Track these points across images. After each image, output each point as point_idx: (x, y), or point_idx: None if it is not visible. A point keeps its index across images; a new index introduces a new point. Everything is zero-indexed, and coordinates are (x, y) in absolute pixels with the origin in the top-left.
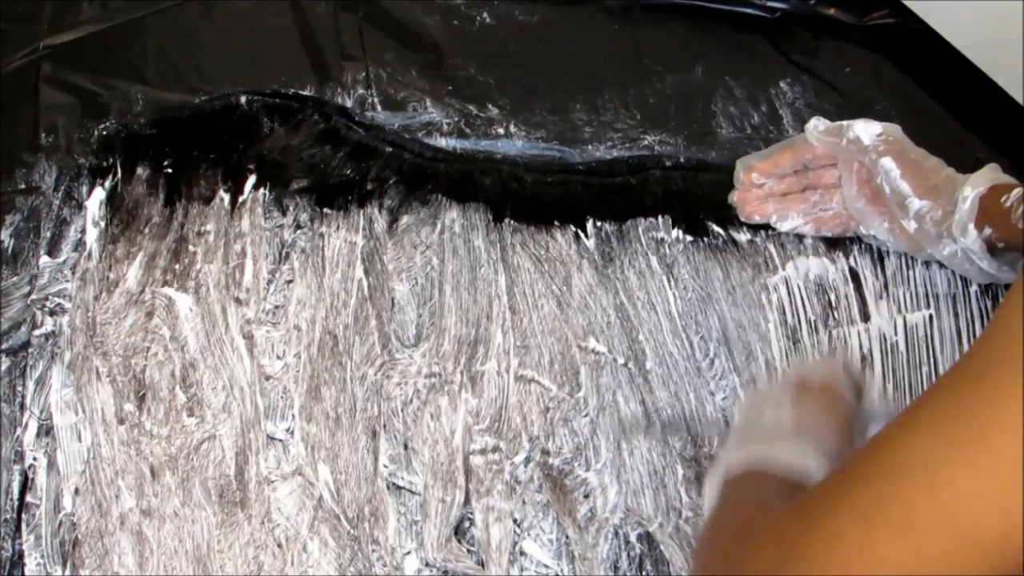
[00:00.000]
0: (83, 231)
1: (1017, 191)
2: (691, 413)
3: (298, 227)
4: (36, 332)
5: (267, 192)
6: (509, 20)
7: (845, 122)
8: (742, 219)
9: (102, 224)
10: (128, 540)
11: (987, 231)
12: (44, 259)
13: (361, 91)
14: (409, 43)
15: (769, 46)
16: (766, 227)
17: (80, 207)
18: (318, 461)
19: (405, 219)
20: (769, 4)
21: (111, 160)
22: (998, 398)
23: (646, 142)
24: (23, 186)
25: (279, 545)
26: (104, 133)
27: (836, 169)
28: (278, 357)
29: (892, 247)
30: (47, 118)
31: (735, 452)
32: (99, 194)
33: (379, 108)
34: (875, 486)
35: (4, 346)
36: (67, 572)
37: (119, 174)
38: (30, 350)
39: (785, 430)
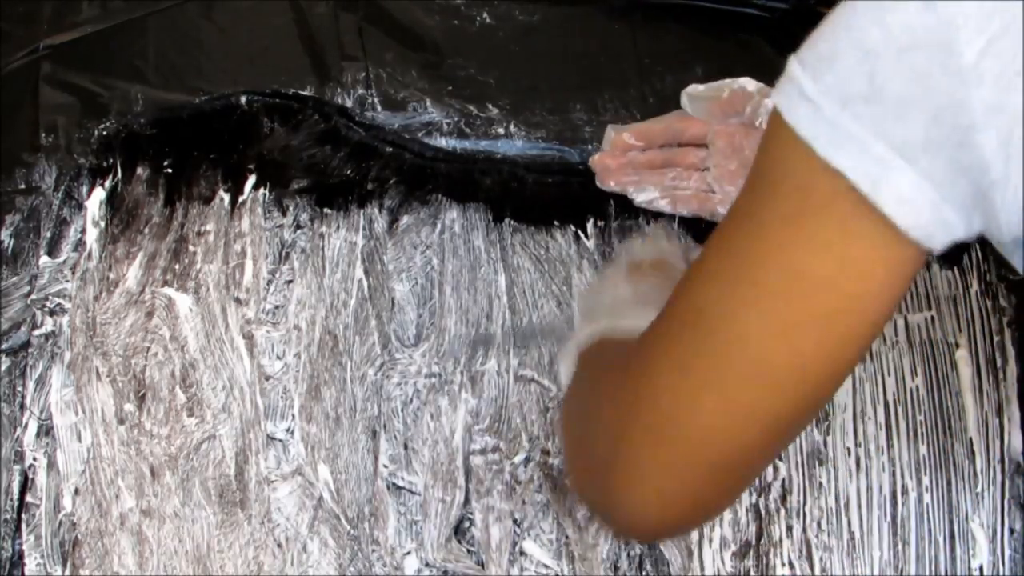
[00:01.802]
0: (83, 231)
1: None
2: None
3: (298, 227)
4: (36, 332)
5: (267, 192)
6: (509, 20)
7: (728, 79)
8: (598, 184)
9: (102, 224)
10: (128, 540)
11: None
12: (44, 259)
13: (361, 91)
14: (409, 43)
15: (769, 46)
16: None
17: (80, 207)
18: (318, 461)
19: (405, 219)
20: (769, 4)
21: (111, 160)
22: (761, 237)
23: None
24: (23, 186)
25: (279, 545)
26: (104, 133)
27: (702, 151)
28: (278, 357)
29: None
30: (47, 118)
31: (582, 329)
32: (99, 194)
33: (379, 108)
34: (685, 338)
35: (4, 346)
36: (67, 572)
37: (119, 174)
38: (30, 350)
39: (626, 304)
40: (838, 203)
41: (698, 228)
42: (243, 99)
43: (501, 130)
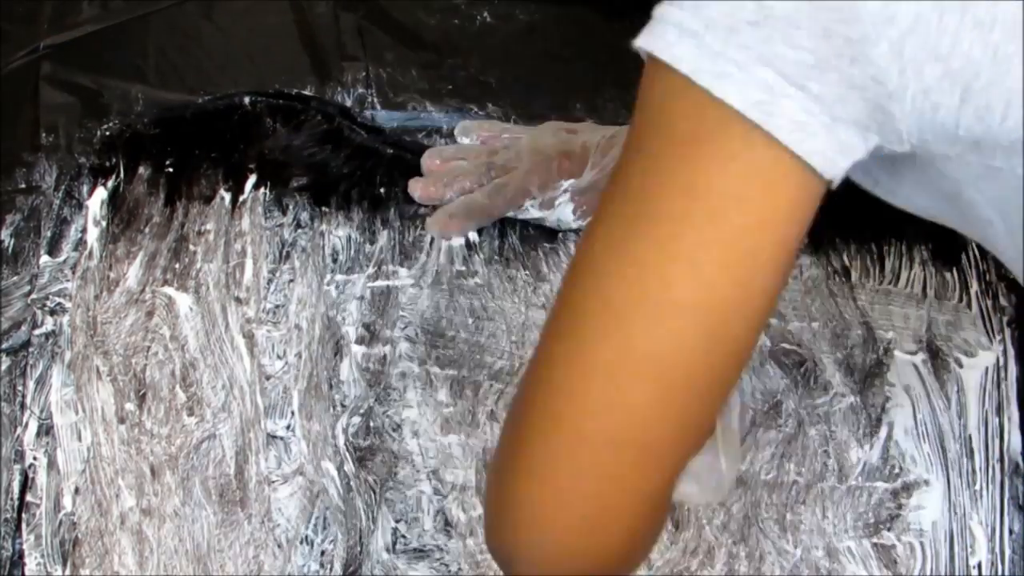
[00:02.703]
0: (84, 230)
1: None
2: None
3: (299, 226)
4: (36, 331)
5: (268, 191)
6: (510, 19)
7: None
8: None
9: (103, 223)
10: (128, 539)
11: None
12: (44, 258)
13: (361, 90)
14: (409, 43)
15: None
16: None
17: (80, 206)
18: (321, 459)
19: (406, 219)
20: None
21: (114, 160)
22: (654, 166)
23: None
24: (23, 185)
25: (279, 545)
26: (107, 133)
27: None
28: (279, 357)
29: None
30: (47, 118)
31: None
32: (100, 194)
33: (379, 108)
34: (574, 298)
35: (4, 345)
36: (67, 572)
37: (121, 174)
38: (30, 349)
39: None
40: (731, 130)
41: None
42: (246, 99)
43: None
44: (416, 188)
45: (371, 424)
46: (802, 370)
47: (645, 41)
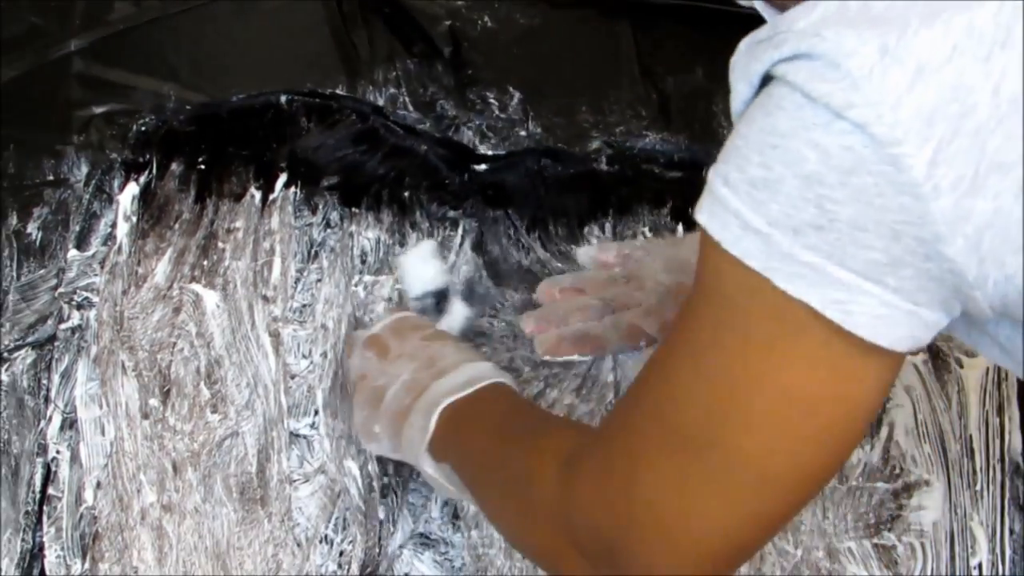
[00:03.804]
0: (113, 225)
1: None
2: None
3: (328, 226)
4: (63, 326)
5: (298, 191)
6: (511, 23)
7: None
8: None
9: (133, 219)
10: (148, 535)
11: None
12: (72, 252)
13: (393, 90)
14: (432, 43)
15: None
16: None
17: (111, 201)
18: (344, 458)
19: (436, 219)
20: None
21: (147, 156)
22: (742, 367)
23: (647, 142)
24: (51, 178)
25: (298, 544)
26: (143, 128)
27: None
28: (304, 356)
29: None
30: (79, 114)
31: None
32: (132, 189)
33: (410, 108)
34: (677, 459)
35: (30, 339)
36: (86, 565)
37: (154, 170)
38: (56, 343)
39: (441, 358)
40: (813, 328)
41: None
42: (282, 98)
43: (523, 132)
44: (530, 324)
45: None
46: None
47: (708, 223)
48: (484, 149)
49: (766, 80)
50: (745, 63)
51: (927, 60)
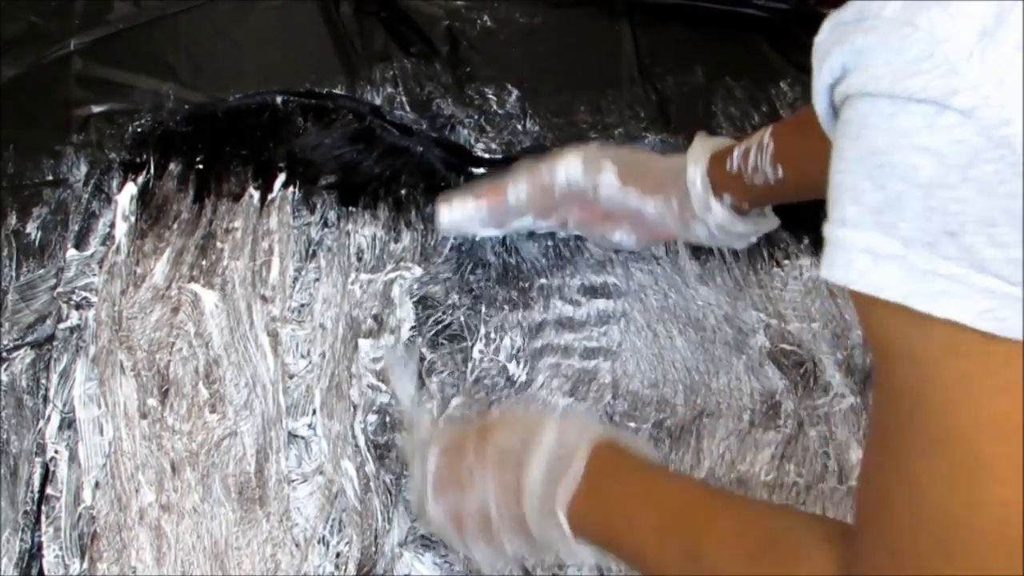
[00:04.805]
0: (112, 225)
1: (735, 153)
2: None
3: (325, 225)
4: (61, 325)
5: (296, 190)
6: (510, 23)
7: (545, 174)
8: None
9: (131, 219)
10: (146, 535)
11: (727, 199)
12: (71, 252)
13: (390, 90)
14: (429, 43)
15: (769, 46)
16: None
17: (109, 201)
18: (341, 458)
19: (431, 220)
20: (769, 4)
21: (145, 156)
22: (934, 441)
23: (647, 142)
24: (50, 178)
25: (297, 544)
26: (139, 129)
27: None
28: (302, 356)
29: (638, 247)
30: (78, 114)
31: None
32: (130, 189)
33: (407, 108)
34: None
35: (29, 339)
36: (85, 565)
37: (151, 170)
38: (55, 343)
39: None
40: (994, 353)
41: None
42: (278, 98)
43: (520, 127)
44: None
45: (387, 420)
46: (802, 371)
47: (835, 274)
48: (481, 146)
49: (837, 87)
50: (829, 46)
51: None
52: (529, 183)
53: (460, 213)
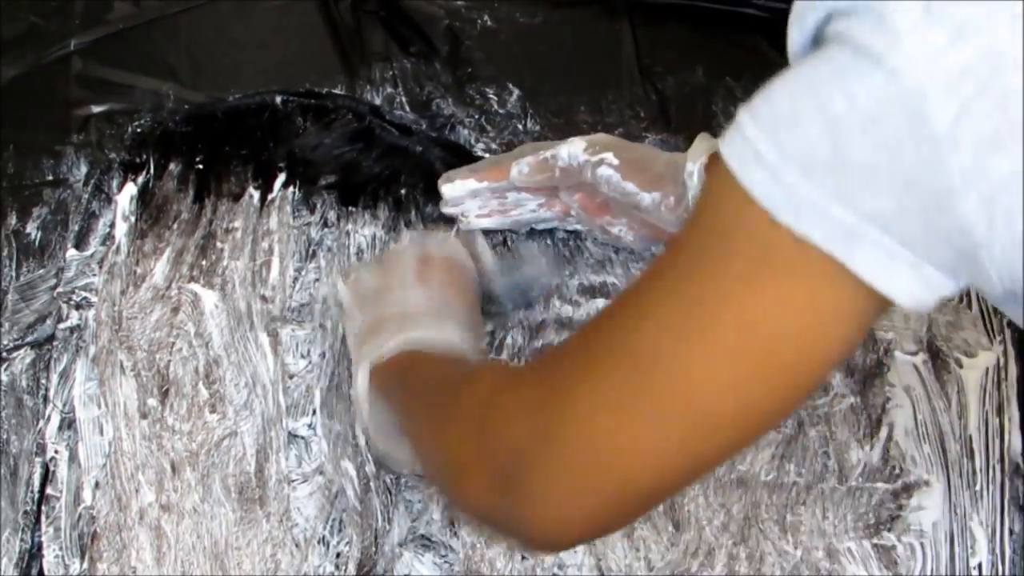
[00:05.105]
0: (112, 225)
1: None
2: None
3: (325, 225)
4: (61, 325)
5: (296, 190)
6: (511, 22)
7: (548, 152)
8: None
9: (131, 219)
10: (146, 535)
11: None
12: (71, 252)
13: (390, 90)
14: (429, 43)
15: (769, 46)
16: None
17: (109, 201)
18: (341, 458)
19: (432, 220)
20: (769, 4)
21: (144, 156)
22: (716, 295)
23: (648, 142)
24: (50, 178)
25: (297, 544)
26: (139, 130)
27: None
28: (302, 356)
29: (639, 246)
30: (78, 114)
31: (381, 337)
32: (130, 189)
33: (407, 108)
34: (619, 377)
35: (29, 339)
36: (85, 565)
37: (151, 170)
38: (55, 343)
39: (419, 312)
40: (805, 265)
41: None
42: (278, 98)
43: (521, 127)
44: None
45: None
46: None
47: (729, 152)
48: (481, 146)
49: (819, 35)
50: (802, 9)
51: (966, 21)
52: (531, 159)
53: (462, 189)
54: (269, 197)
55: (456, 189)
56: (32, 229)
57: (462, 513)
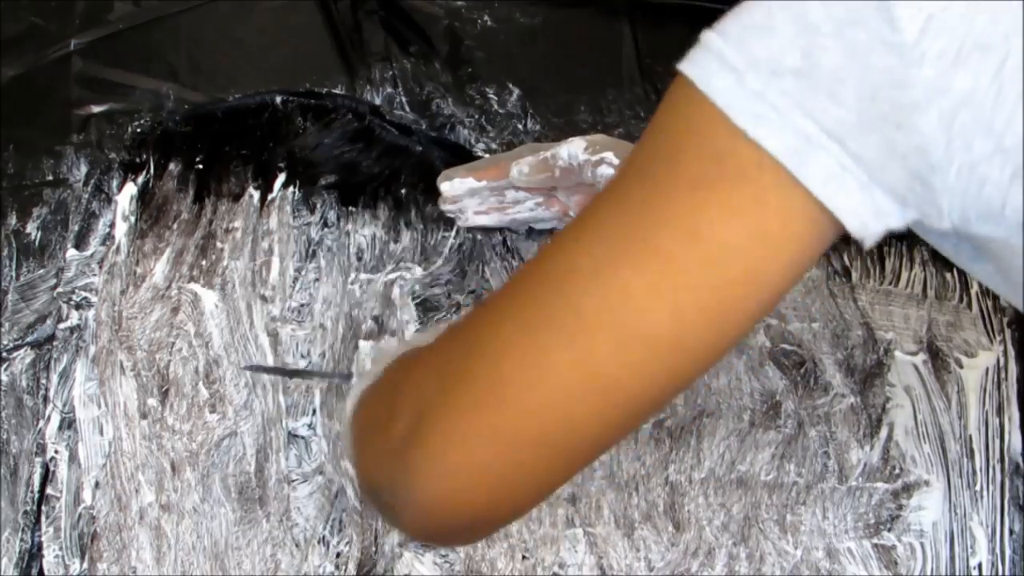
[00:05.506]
0: (112, 225)
1: None
2: None
3: (325, 225)
4: (61, 325)
5: (296, 190)
6: (511, 22)
7: (548, 152)
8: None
9: (131, 219)
10: (146, 535)
11: None
12: (71, 252)
13: (390, 90)
14: (429, 43)
15: None
16: None
17: (109, 201)
18: (341, 458)
19: (432, 220)
20: None
21: (144, 156)
22: (661, 198)
23: None
24: (51, 178)
25: (297, 544)
26: (139, 130)
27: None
28: (302, 356)
29: None
30: (78, 114)
31: (377, 368)
32: (130, 189)
33: (407, 108)
34: (540, 296)
35: (29, 339)
36: (85, 565)
37: (151, 170)
38: (55, 343)
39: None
40: (757, 173)
41: None
42: (278, 98)
43: (521, 127)
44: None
45: None
46: (802, 371)
47: (686, 66)
48: (481, 146)
49: None
50: None
51: None
52: (531, 158)
53: (461, 187)
54: (269, 197)
55: (455, 187)
56: (32, 229)
57: (359, 480)
